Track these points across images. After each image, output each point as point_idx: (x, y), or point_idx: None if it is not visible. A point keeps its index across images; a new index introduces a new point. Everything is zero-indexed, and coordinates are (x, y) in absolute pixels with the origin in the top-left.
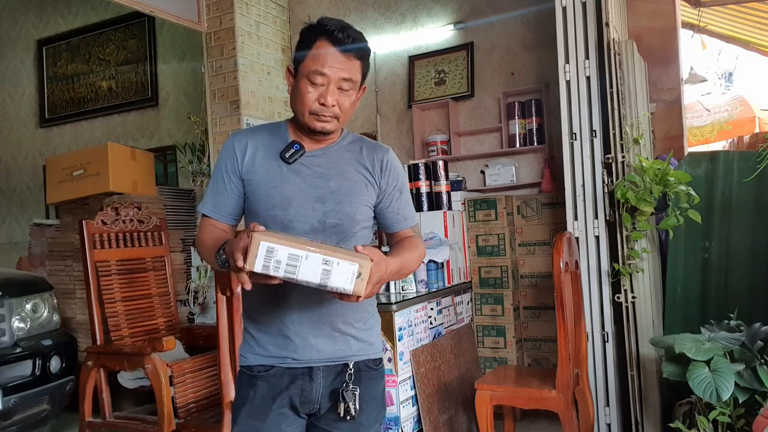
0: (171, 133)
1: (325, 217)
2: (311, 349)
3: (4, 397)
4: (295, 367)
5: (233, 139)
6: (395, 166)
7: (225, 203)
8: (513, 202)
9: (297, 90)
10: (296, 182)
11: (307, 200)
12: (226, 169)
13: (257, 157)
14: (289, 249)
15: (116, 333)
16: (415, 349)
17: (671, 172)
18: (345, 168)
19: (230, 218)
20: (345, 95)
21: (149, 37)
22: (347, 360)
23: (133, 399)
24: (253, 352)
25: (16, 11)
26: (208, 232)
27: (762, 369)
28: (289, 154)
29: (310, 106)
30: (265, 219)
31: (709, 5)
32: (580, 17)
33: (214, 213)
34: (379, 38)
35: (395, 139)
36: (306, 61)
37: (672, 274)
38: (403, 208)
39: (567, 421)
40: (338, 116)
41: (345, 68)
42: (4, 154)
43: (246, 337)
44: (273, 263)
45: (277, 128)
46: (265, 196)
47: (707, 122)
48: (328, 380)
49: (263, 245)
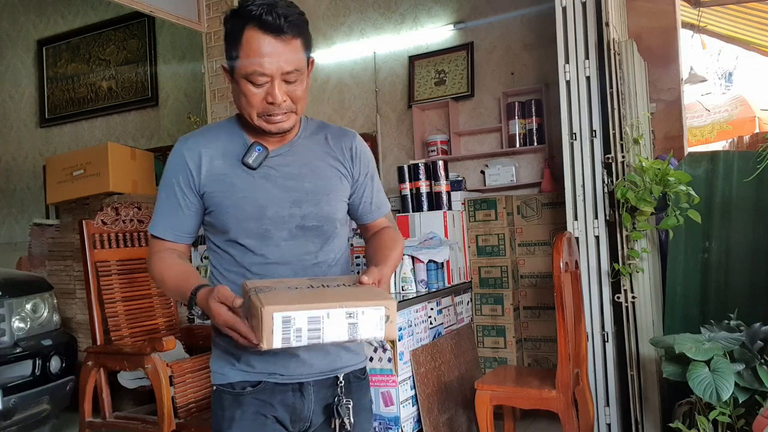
0: (171, 133)
1: (304, 221)
2: (302, 365)
3: (4, 397)
4: (284, 383)
5: (182, 149)
6: (364, 151)
7: (182, 222)
8: (513, 202)
9: (239, 91)
10: (267, 188)
11: (282, 206)
12: (178, 184)
13: (215, 166)
14: (307, 312)
15: (116, 333)
16: (415, 349)
17: (671, 172)
18: (316, 164)
19: (189, 238)
20: (294, 85)
21: (149, 37)
22: (337, 372)
23: (133, 399)
24: (235, 367)
25: (16, 11)
26: (167, 262)
27: (762, 369)
28: (252, 158)
29: (257, 107)
30: (236, 235)
31: (709, 5)
32: (580, 17)
33: (170, 234)
34: (379, 38)
35: (395, 139)
36: (240, 60)
37: (672, 274)
38: (376, 196)
39: (567, 421)
40: (293, 110)
41: (286, 56)
42: (4, 154)
43: (219, 352)
44: (294, 334)
45: (229, 128)
46: (235, 208)
47: (707, 122)
48: (320, 395)
49: (277, 317)
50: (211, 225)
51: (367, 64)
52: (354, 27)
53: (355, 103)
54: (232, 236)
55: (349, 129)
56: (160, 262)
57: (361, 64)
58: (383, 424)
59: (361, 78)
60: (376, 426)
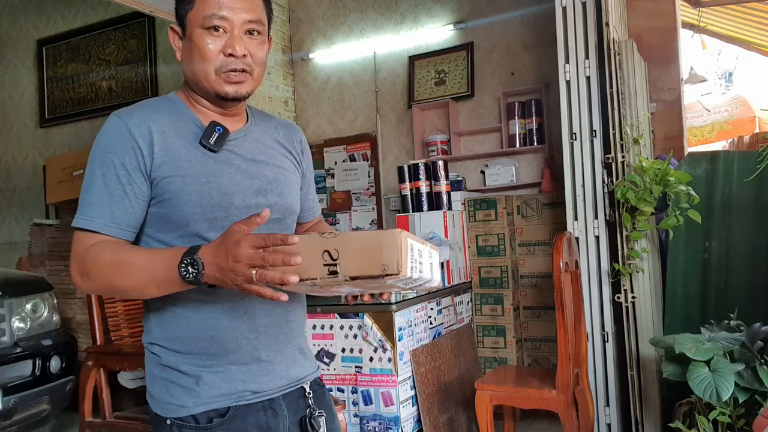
0: None
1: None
2: (275, 376)
3: (4, 397)
4: (254, 402)
5: (126, 123)
6: (308, 147)
7: (126, 213)
8: (513, 202)
9: (191, 47)
10: (230, 174)
11: (248, 194)
12: (123, 167)
13: (172, 145)
14: (418, 245)
15: (116, 333)
16: (415, 349)
17: (671, 172)
18: (273, 153)
19: (132, 234)
20: (255, 42)
21: (149, 37)
22: (302, 382)
23: (133, 399)
24: (195, 395)
25: (16, 11)
26: (112, 248)
27: (762, 369)
28: (213, 139)
29: (214, 61)
30: (198, 226)
31: (709, 5)
32: (580, 17)
33: (110, 227)
34: (379, 38)
35: (395, 139)
36: (195, 7)
37: (672, 274)
38: (314, 193)
39: (567, 421)
40: (252, 70)
41: (248, 7)
42: (4, 154)
43: (170, 377)
44: (414, 263)
45: (172, 105)
46: (198, 196)
47: (707, 122)
48: (291, 409)
49: (409, 242)
50: (159, 218)
51: (367, 64)
52: (354, 27)
53: (355, 103)
54: (192, 229)
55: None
56: (107, 248)
57: (361, 64)
58: (383, 424)
59: (361, 78)
60: (375, 426)
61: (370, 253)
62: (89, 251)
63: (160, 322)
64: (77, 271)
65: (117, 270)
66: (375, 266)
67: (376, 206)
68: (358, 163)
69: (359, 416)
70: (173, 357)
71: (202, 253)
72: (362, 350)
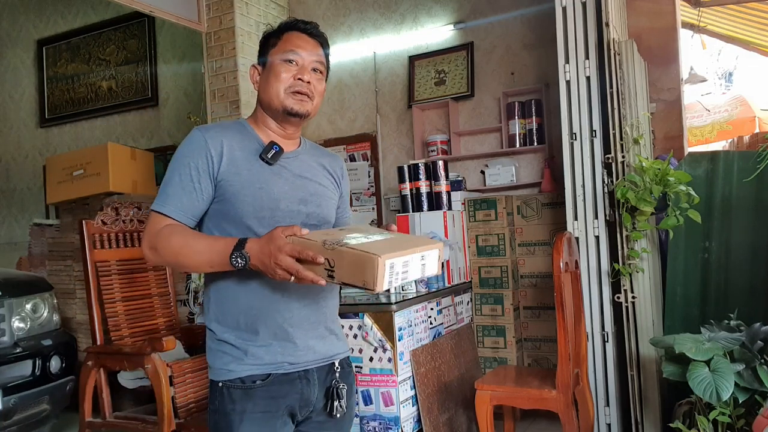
0: (171, 133)
1: (308, 219)
2: (309, 351)
3: (4, 397)
4: (291, 372)
5: (204, 135)
6: (347, 173)
7: (193, 205)
8: (513, 202)
9: (269, 75)
10: (280, 183)
11: (292, 202)
12: (196, 167)
13: (237, 157)
14: (401, 258)
15: (116, 333)
16: (415, 349)
17: (671, 172)
18: (316, 173)
19: (194, 221)
20: (317, 77)
21: (149, 37)
22: (334, 359)
23: (133, 399)
24: (242, 362)
25: (16, 11)
26: (183, 229)
27: (762, 369)
28: (270, 155)
29: (285, 82)
30: (250, 222)
31: (709, 5)
32: (580, 17)
33: (180, 213)
34: (379, 38)
35: (395, 139)
36: (277, 48)
37: (672, 274)
38: (348, 210)
39: (567, 421)
40: (313, 97)
41: (316, 53)
42: (4, 154)
43: (223, 349)
44: (393, 276)
45: (241, 127)
46: (252, 197)
47: (707, 122)
48: (321, 381)
49: (387, 264)
50: (219, 212)
51: (367, 64)
52: (354, 27)
53: (355, 103)
54: (245, 223)
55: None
56: (176, 232)
57: (361, 64)
58: (383, 424)
59: (361, 78)
60: (375, 426)
61: (355, 270)
62: (162, 231)
63: (218, 301)
64: (148, 245)
65: (181, 250)
66: (358, 280)
67: (376, 206)
68: (358, 163)
69: (359, 416)
70: (226, 333)
71: (249, 247)
72: (362, 350)
